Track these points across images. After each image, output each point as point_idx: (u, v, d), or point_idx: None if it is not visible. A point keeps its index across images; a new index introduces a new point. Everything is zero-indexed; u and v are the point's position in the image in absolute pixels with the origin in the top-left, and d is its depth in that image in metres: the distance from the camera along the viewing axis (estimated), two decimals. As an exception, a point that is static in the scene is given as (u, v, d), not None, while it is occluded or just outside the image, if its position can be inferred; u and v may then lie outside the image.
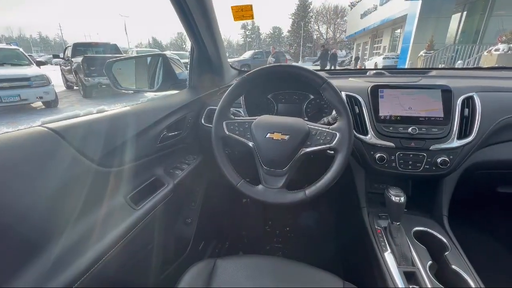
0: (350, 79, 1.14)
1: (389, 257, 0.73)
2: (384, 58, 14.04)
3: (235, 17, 1.02)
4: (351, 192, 1.00)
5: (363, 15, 20.46)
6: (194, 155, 1.07)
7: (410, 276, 0.68)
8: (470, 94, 0.86)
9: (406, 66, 10.61)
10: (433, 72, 1.19)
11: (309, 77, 0.74)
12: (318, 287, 0.68)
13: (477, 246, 1.21)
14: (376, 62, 14.24)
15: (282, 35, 56.76)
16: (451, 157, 0.83)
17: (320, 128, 0.74)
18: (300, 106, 1.12)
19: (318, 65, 11.31)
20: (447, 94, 0.86)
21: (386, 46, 18.85)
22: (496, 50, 7.02)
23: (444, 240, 0.78)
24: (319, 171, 0.74)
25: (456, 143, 0.82)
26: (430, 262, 0.71)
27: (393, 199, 0.74)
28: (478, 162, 0.85)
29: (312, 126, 0.75)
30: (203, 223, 1.16)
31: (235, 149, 1.08)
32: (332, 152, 0.73)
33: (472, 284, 0.64)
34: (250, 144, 0.77)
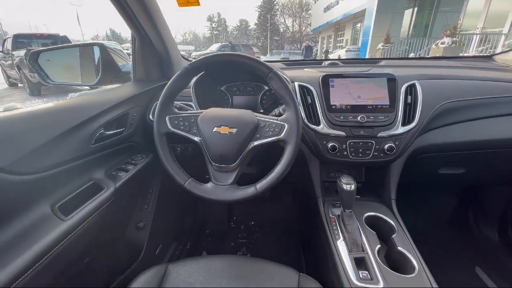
0: (305, 69, 1.14)
1: (341, 244, 0.74)
2: (346, 51, 14.66)
3: (179, 2, 0.94)
4: (309, 183, 1.01)
5: (326, 9, 21.08)
6: (143, 154, 0.98)
7: (360, 261, 0.69)
8: (412, 82, 0.90)
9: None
10: (382, 62, 1.24)
11: (255, 67, 0.71)
12: (273, 282, 0.66)
13: (421, 224, 1.32)
14: (339, 55, 14.81)
15: (249, 27, 56.32)
16: (396, 143, 0.86)
17: (269, 120, 0.71)
18: (256, 98, 1.09)
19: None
20: (392, 82, 0.89)
21: (348, 39, 19.69)
22: (442, 43, 7.70)
23: (392, 223, 0.81)
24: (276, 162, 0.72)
25: (400, 129, 0.85)
26: (378, 246, 0.73)
27: (344, 187, 0.75)
28: (421, 147, 0.89)
29: (261, 118, 0.72)
30: (158, 226, 1.08)
31: (189, 145, 1.02)
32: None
33: (415, 263, 0.67)
34: (197, 139, 0.72)
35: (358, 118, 0.86)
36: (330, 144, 0.88)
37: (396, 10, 11.74)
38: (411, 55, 9.30)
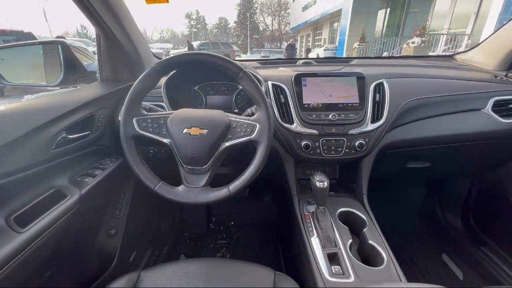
0: (280, 68, 1.14)
1: (315, 241, 0.76)
2: (324, 50, 14.99)
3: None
4: (285, 181, 1.01)
5: (304, 8, 21.40)
6: (112, 158, 0.94)
7: (333, 257, 0.71)
8: (380, 80, 0.93)
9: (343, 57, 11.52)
10: (354, 61, 1.27)
11: (225, 66, 0.70)
12: (249, 282, 0.66)
13: (392, 215, 1.38)
14: (318, 54, 15.12)
15: (229, 25, 55.83)
16: (366, 140, 0.89)
17: (240, 120, 0.71)
18: (230, 97, 1.08)
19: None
20: (361, 81, 0.92)
21: (326, 38, 20.15)
22: (413, 42, 8.12)
23: (364, 217, 0.84)
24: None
25: (370, 126, 0.88)
26: (350, 240, 0.75)
27: (317, 184, 0.76)
28: (390, 143, 0.93)
29: (232, 118, 0.71)
30: (132, 231, 1.04)
31: (162, 148, 0.99)
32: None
33: (384, 255, 0.70)
34: (166, 141, 0.70)
35: (330, 116, 0.89)
36: (303, 143, 0.89)
37: (370, 10, 12.18)
38: (385, 54, 9.72)
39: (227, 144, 0.69)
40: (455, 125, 0.94)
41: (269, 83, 0.95)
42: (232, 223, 1.51)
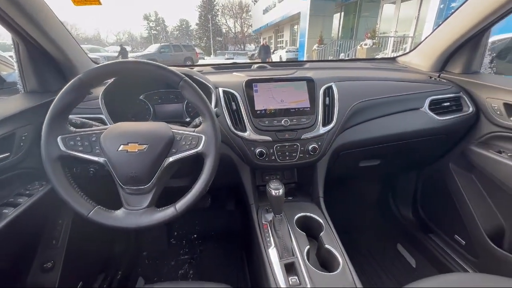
0: (234, 73, 1.11)
1: (272, 252, 0.73)
2: (287, 52, 15.45)
3: (75, 1, 0.81)
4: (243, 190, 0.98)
5: (265, 11, 21.82)
6: (42, 181, 0.82)
7: (290, 267, 0.69)
8: (330, 84, 0.95)
9: (304, 59, 11.99)
10: (307, 65, 1.29)
11: (163, 75, 0.64)
12: None
13: (350, 213, 1.43)
14: (280, 55, 15.51)
15: (190, 27, 54.60)
16: (319, 143, 0.90)
17: (185, 132, 0.66)
18: (180, 106, 1.02)
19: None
20: (311, 85, 0.93)
21: (288, 40, 20.78)
22: (365, 44, 8.74)
23: (321, 220, 0.84)
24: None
25: (321, 130, 0.89)
26: (307, 247, 0.74)
27: (273, 193, 0.74)
28: (341, 144, 0.95)
29: (176, 131, 0.66)
30: (74, 261, 0.92)
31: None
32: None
33: (339, 259, 0.70)
34: (101, 160, 0.62)
35: (283, 122, 0.88)
36: (257, 150, 0.87)
37: (326, 14, 12.84)
38: (341, 55, 10.31)
39: (171, 159, 0.64)
40: (398, 124, 1.00)
41: (220, 90, 0.91)
42: (195, 235, 1.43)
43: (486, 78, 1.02)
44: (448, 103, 1.02)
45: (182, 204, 0.63)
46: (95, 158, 0.62)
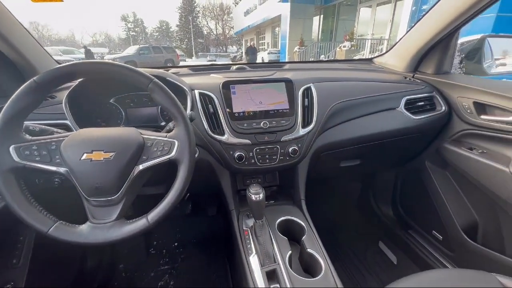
0: (212, 75, 1.08)
1: (253, 260, 0.71)
2: (268, 53, 15.57)
3: (33, -3, 0.74)
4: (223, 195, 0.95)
5: (246, 13, 21.88)
6: None
7: (272, 274, 0.67)
8: (308, 85, 0.94)
9: (286, 61, 12.13)
10: (287, 66, 1.28)
11: (130, 77, 0.60)
12: None
13: (333, 213, 1.44)
14: (262, 57, 15.59)
15: (171, 29, 53.60)
16: (299, 145, 0.88)
17: (157, 138, 0.62)
18: (155, 109, 0.97)
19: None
20: (290, 86, 0.91)
21: (269, 42, 20.95)
22: (344, 46, 8.99)
23: (303, 223, 0.83)
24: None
25: (301, 131, 0.88)
26: (289, 252, 0.72)
27: (253, 198, 0.72)
28: (322, 146, 0.95)
29: (147, 136, 0.62)
30: (38, 282, 0.84)
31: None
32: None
33: (322, 263, 0.69)
34: (62, 170, 0.57)
35: (262, 124, 0.86)
36: (236, 154, 0.84)
37: (306, 16, 13.09)
38: (322, 57, 10.54)
39: (141, 167, 0.60)
40: (376, 124, 1.01)
41: (196, 92, 0.87)
42: (176, 244, 1.38)
43: (456, 78, 1.06)
44: (422, 103, 1.05)
45: (154, 215, 0.59)
46: (55, 169, 0.57)
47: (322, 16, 13.78)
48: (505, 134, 0.85)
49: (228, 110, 0.86)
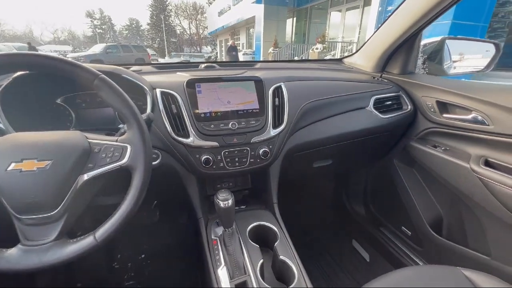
0: (178, 73, 1.00)
1: (222, 272, 0.66)
2: (243, 54, 15.53)
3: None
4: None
5: (220, 13, 21.68)
6: None
7: (242, 286, 0.62)
8: (279, 84, 0.91)
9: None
10: (258, 65, 1.25)
11: (70, 72, 0.52)
12: None
13: (306, 213, 1.42)
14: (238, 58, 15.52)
15: (142, 27, 51.46)
16: (270, 146, 0.84)
17: (106, 142, 0.54)
18: (112, 111, 0.87)
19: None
20: (259, 85, 0.87)
21: (244, 43, 20.93)
22: (316, 48, 9.24)
23: (275, 229, 0.79)
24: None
25: (272, 132, 0.84)
26: (261, 261, 0.68)
27: (221, 205, 0.66)
28: (294, 146, 0.92)
29: (94, 141, 0.54)
30: None
31: None
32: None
33: (295, 270, 0.66)
34: None
35: (230, 125, 0.80)
36: (203, 157, 0.78)
37: (279, 18, 13.29)
38: (295, 58, 10.74)
39: (87, 176, 0.51)
40: (347, 124, 1.00)
41: (158, 90, 0.80)
42: (143, 255, 1.27)
43: (421, 78, 1.10)
44: (390, 102, 1.07)
45: (104, 231, 0.51)
46: None
47: (295, 18, 14.07)
48: (466, 131, 0.89)
49: (193, 110, 0.79)
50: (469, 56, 1.21)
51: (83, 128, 0.82)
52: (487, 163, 0.84)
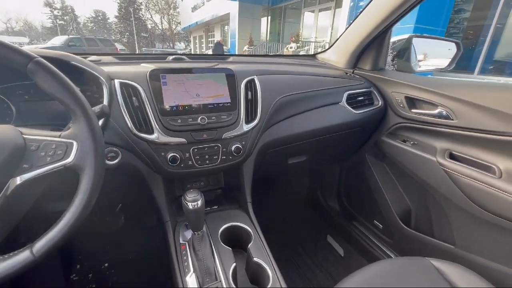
0: (142, 64, 0.91)
1: (191, 280, 0.60)
2: (218, 51, 15.28)
3: None
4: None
5: (194, 9, 21.12)
6: None
7: None
8: (252, 77, 0.87)
9: (236, 59, 12.09)
10: (231, 58, 1.19)
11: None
12: None
13: (282, 211, 1.40)
14: (212, 55, 15.26)
15: (109, 20, 48.44)
16: (243, 143, 0.80)
17: (46, 138, 0.46)
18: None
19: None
20: (231, 78, 0.82)
21: (219, 40, 20.59)
22: (290, 47, 9.38)
23: (249, 229, 0.75)
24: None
25: (245, 127, 0.80)
26: (233, 265, 0.64)
27: (190, 206, 0.60)
28: (267, 142, 0.89)
29: (31, 137, 0.46)
30: None
31: None
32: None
33: (269, 272, 0.63)
34: None
35: (199, 120, 0.74)
36: (170, 155, 0.71)
37: (254, 16, 13.27)
38: (271, 57, 10.83)
39: (20, 180, 0.43)
40: (321, 119, 0.99)
41: (116, 81, 0.71)
42: (106, 264, 1.16)
43: (390, 74, 1.12)
44: (362, 97, 1.08)
45: (43, 244, 0.43)
46: None
47: (269, 17, 14.15)
48: (432, 126, 0.92)
49: (157, 104, 0.72)
50: (433, 55, 1.27)
51: (27, 124, 0.71)
52: (452, 156, 0.87)
